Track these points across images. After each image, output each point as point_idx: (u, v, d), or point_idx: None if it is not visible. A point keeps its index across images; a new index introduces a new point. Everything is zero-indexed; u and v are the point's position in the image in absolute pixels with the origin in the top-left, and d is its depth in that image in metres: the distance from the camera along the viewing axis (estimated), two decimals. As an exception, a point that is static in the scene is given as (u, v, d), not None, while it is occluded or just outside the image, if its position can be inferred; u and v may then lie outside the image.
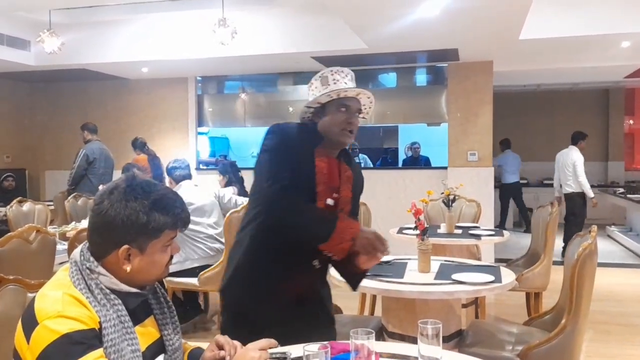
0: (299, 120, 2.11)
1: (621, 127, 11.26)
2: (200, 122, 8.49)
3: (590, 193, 7.09)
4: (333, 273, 2.27)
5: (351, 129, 2.00)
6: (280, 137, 1.99)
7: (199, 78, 8.44)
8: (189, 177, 4.59)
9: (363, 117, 2.10)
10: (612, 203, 9.04)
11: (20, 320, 1.28)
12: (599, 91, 10.94)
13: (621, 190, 8.69)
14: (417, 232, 2.94)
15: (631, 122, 12.03)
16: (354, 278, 2.15)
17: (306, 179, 1.95)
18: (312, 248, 1.94)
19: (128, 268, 1.36)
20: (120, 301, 1.35)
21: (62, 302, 1.26)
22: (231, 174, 5.21)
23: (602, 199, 9.67)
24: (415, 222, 2.92)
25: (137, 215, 1.35)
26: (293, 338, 1.74)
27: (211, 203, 4.51)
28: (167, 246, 1.42)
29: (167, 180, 4.71)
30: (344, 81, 2.02)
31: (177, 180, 4.49)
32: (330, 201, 2.01)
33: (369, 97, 2.07)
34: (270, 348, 1.48)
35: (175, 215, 1.41)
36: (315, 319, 2.11)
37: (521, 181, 10.84)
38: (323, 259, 2.03)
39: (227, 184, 5.14)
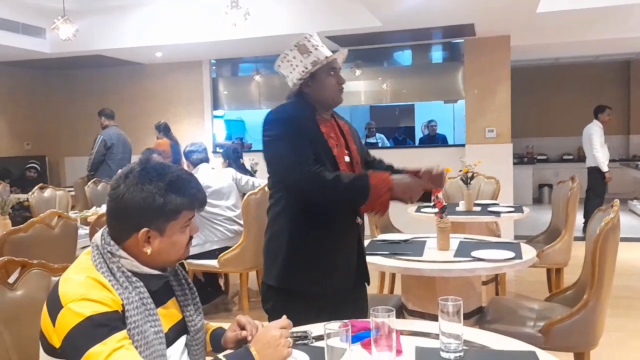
0: (285, 99, 2.16)
1: (643, 99, 11.02)
2: (215, 105, 8.50)
3: (603, 167, 7.06)
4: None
5: (342, 87, 2.12)
6: (286, 120, 2.03)
7: (213, 61, 8.43)
8: (206, 160, 4.61)
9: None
10: (634, 177, 8.90)
11: (45, 303, 1.30)
12: (619, 63, 10.69)
13: (643, 164, 8.54)
14: (436, 210, 2.92)
15: (653, 94, 11.75)
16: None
17: (322, 149, 2.02)
18: (353, 211, 2.08)
19: (149, 250, 1.37)
20: (142, 283, 1.37)
21: (86, 285, 1.28)
22: (232, 159, 5.23)
23: (624, 173, 9.53)
24: (434, 199, 2.90)
25: (154, 197, 1.35)
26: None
27: (229, 185, 4.53)
28: (185, 227, 1.42)
29: (184, 164, 4.74)
30: (320, 45, 2.09)
31: (195, 164, 4.51)
32: (347, 158, 2.10)
33: (344, 54, 2.19)
34: (290, 327, 1.49)
35: (192, 195, 1.41)
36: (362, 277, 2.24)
37: (540, 157, 10.70)
38: (363, 214, 2.13)
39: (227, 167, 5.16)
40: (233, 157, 5.29)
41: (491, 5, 5.47)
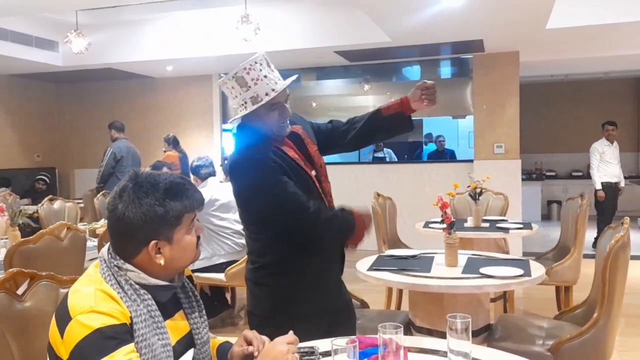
0: (235, 128, 2.08)
1: (653, 116, 10.97)
2: (224, 119, 8.55)
3: (596, 184, 7.21)
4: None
5: (286, 120, 1.97)
6: (259, 167, 1.91)
7: (222, 75, 8.49)
8: (213, 174, 4.64)
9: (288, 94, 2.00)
10: (644, 194, 8.82)
11: (54, 315, 1.30)
12: (629, 80, 10.66)
13: (653, 181, 8.48)
14: (444, 225, 2.91)
15: (663, 111, 11.70)
16: (407, 122, 2.18)
17: (299, 173, 1.97)
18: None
19: (162, 261, 1.38)
20: (150, 296, 1.37)
21: (95, 298, 1.28)
22: None
23: (634, 190, 9.45)
24: (442, 215, 2.89)
25: (154, 209, 1.35)
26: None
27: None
28: (191, 229, 1.43)
29: (192, 179, 4.76)
30: (262, 75, 1.88)
31: (203, 178, 4.54)
32: (313, 172, 2.03)
33: (290, 82, 1.96)
34: (297, 343, 1.48)
35: (189, 197, 1.42)
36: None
37: (548, 173, 10.64)
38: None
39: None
40: None
41: (500, 21, 5.49)
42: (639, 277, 5.68)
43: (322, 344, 1.66)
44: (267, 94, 1.88)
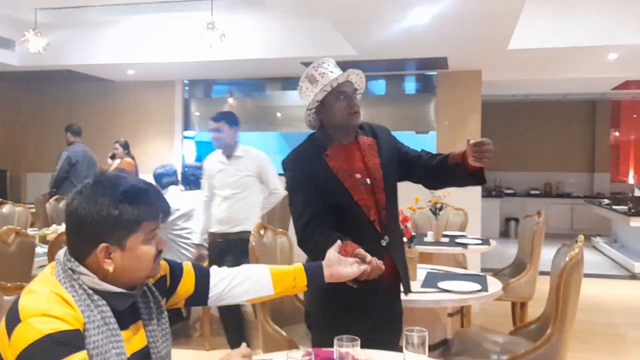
0: (310, 129, 2.17)
1: (607, 138, 11.36)
2: (186, 126, 8.42)
3: None
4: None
5: (355, 110, 2.07)
6: (292, 170, 2.09)
7: (186, 82, 8.38)
8: (175, 183, 4.56)
9: (360, 93, 2.15)
10: (597, 214, 9.09)
11: (5, 316, 1.23)
12: (586, 103, 11.03)
13: (606, 201, 8.73)
14: (404, 239, 2.90)
15: (617, 134, 12.14)
16: (474, 176, 2.08)
17: (333, 186, 2.03)
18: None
19: (110, 268, 1.30)
20: (104, 302, 1.30)
21: (48, 300, 1.22)
22: (192, 184, 5.16)
23: (588, 210, 9.74)
24: (402, 229, 2.88)
25: (108, 209, 1.29)
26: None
27: (199, 209, 4.44)
28: (150, 239, 1.35)
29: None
30: (329, 70, 2.06)
31: (164, 187, 4.45)
32: (367, 181, 2.07)
33: (358, 74, 2.11)
34: (251, 356, 1.44)
35: (150, 204, 1.35)
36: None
37: (507, 191, 10.89)
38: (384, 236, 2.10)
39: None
40: (192, 180, 5.24)
41: (463, 40, 5.59)
42: (591, 294, 5.84)
43: (277, 357, 1.63)
44: (331, 83, 2.02)
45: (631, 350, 4.42)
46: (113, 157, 6.98)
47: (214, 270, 1.64)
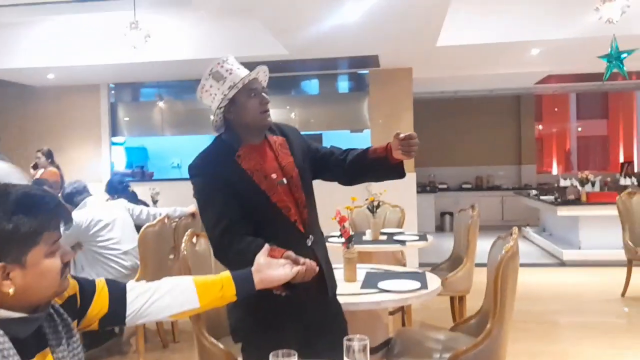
0: (213, 130, 2.03)
1: (532, 132, 11.85)
2: (114, 131, 8.07)
3: None
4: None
5: (267, 108, 1.99)
6: (201, 176, 1.95)
7: (111, 85, 8.03)
8: (89, 195, 4.31)
9: (265, 91, 2.03)
10: (526, 205, 9.43)
11: None
12: (511, 97, 11.45)
13: (534, 192, 9.08)
14: (343, 240, 2.85)
15: (540, 127, 12.70)
16: (395, 170, 2.03)
17: (248, 188, 1.91)
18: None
19: (10, 290, 1.15)
20: (1, 332, 1.13)
21: None
22: (119, 192, 4.92)
23: (517, 201, 10.10)
24: (340, 229, 2.83)
25: (0, 224, 1.14)
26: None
27: (123, 217, 4.23)
28: (53, 252, 1.21)
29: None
30: (235, 67, 1.97)
31: (78, 204, 4.20)
32: (283, 180, 1.98)
33: (265, 72, 2.03)
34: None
35: (49, 212, 1.21)
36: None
37: (441, 186, 11.14)
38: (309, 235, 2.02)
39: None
40: (120, 188, 4.98)
41: (394, 38, 5.63)
42: (526, 284, 6.01)
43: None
44: (242, 78, 1.92)
45: (564, 334, 4.58)
46: (35, 167, 6.57)
47: (131, 285, 1.48)
